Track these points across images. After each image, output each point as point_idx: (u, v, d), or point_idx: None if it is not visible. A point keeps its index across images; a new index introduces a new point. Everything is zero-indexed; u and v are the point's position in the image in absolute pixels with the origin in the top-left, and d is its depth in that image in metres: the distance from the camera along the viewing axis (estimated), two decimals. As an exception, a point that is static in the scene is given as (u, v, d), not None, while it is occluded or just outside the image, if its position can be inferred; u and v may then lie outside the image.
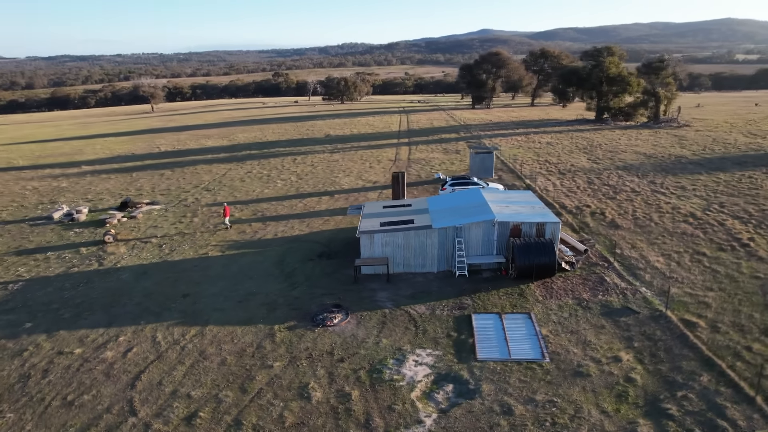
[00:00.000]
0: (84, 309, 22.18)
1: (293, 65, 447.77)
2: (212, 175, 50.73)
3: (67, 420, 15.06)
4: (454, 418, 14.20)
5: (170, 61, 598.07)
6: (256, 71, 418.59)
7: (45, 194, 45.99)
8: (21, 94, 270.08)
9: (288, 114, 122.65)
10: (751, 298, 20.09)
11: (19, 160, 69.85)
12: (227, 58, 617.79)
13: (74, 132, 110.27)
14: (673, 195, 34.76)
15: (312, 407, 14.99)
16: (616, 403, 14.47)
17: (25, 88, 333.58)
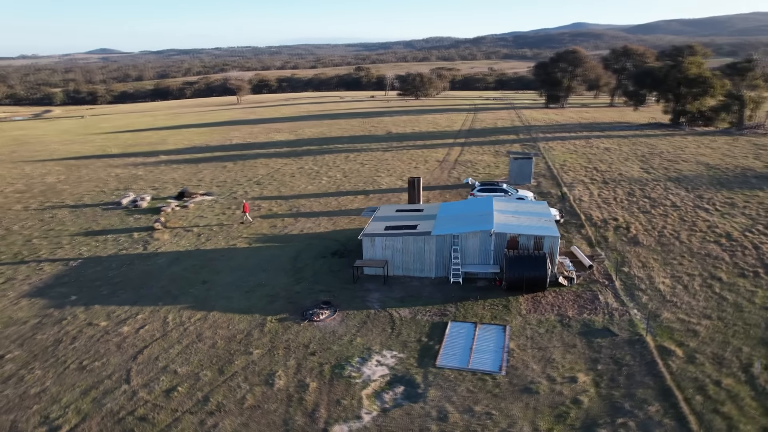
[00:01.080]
0: (119, 288, 25.45)
1: (378, 59, 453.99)
2: (268, 170, 54.10)
3: (77, 381, 17.85)
4: (391, 418, 15.22)
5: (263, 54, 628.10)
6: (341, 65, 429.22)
7: (123, 181, 51.59)
8: (131, 86, 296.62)
9: (360, 109, 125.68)
10: (749, 330, 19.01)
11: (113, 148, 78.16)
12: (316, 52, 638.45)
13: (166, 122, 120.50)
14: (716, 212, 32.59)
15: (272, 393, 16.65)
16: (553, 423, 14.74)
17: (135, 80, 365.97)
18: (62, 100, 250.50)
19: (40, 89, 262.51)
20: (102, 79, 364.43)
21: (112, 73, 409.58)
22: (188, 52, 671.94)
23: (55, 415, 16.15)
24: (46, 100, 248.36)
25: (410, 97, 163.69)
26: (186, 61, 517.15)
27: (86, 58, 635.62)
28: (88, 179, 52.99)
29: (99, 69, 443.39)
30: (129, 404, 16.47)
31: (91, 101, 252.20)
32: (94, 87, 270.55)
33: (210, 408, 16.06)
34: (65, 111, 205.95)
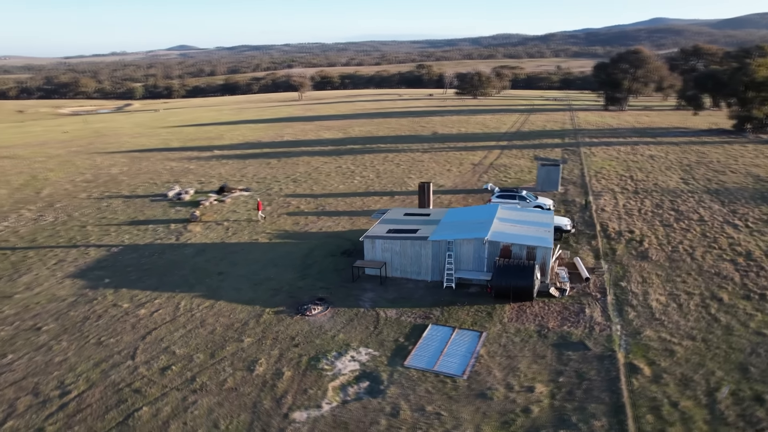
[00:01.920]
0: (146, 274, 28.24)
1: (442, 56, 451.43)
2: (307, 168, 56.49)
3: (92, 354, 20.43)
4: (348, 409, 16.48)
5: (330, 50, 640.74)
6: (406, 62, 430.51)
7: (175, 174, 55.70)
8: (204, 80, 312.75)
9: (415, 108, 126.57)
10: (730, 355, 18.58)
11: (175, 141, 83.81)
12: (381, 48, 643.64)
13: (228, 117, 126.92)
14: (746, 229, 31.10)
15: (250, 378, 18.37)
16: (497, 429, 15.43)
17: (208, 75, 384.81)
18: (142, 94, 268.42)
19: (124, 84, 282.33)
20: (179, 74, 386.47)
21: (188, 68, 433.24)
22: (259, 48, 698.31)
23: (68, 381, 18.69)
24: (128, 94, 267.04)
25: (468, 96, 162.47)
26: (256, 57, 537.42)
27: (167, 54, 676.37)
28: (145, 171, 57.62)
29: (177, 64, 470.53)
30: (129, 377, 18.74)
31: (167, 95, 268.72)
32: (170, 82, 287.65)
33: (194, 386, 18.00)
34: (143, 105, 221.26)
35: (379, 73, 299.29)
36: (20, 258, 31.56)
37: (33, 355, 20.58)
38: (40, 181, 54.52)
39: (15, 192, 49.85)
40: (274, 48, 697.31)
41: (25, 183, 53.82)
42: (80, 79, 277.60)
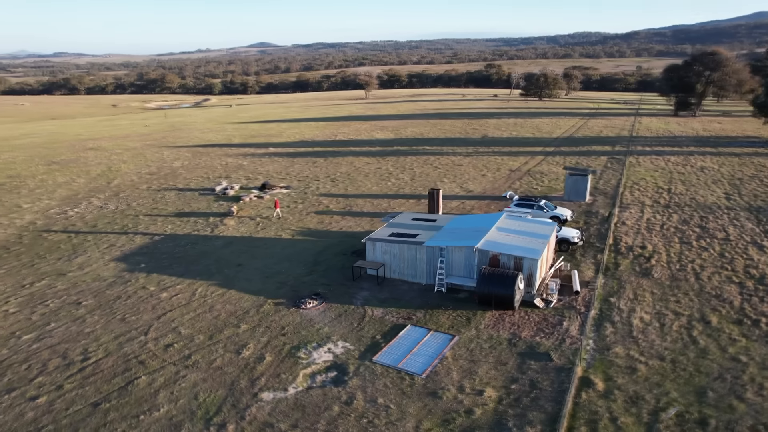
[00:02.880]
0: (177, 262, 31.61)
1: (515, 55, 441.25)
2: (349, 168, 58.90)
3: (115, 329, 23.69)
4: (309, 395, 18.35)
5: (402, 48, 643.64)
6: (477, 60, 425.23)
7: (228, 170, 60.05)
8: (277, 77, 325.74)
9: (475, 109, 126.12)
10: (693, 378, 18.55)
11: (237, 138, 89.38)
12: (454, 47, 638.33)
13: (294, 114, 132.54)
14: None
15: (236, 359, 20.72)
16: (436, 425, 16.68)
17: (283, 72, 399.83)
18: (220, 89, 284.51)
19: (204, 80, 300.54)
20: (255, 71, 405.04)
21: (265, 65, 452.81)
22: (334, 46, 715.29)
23: (91, 349, 21.95)
24: (207, 90, 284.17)
25: (533, 98, 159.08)
26: (330, 54, 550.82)
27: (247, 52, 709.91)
28: (203, 166, 62.50)
29: (255, 61, 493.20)
30: (138, 350, 21.71)
31: (243, 91, 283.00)
32: (246, 78, 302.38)
33: (188, 363, 20.61)
34: (220, 100, 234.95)
35: (448, 72, 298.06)
36: (80, 241, 36.13)
37: (70, 325, 24.16)
38: (113, 172, 60.73)
39: (91, 181, 56.02)
40: (348, 46, 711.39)
41: (101, 173, 60.18)
42: (167, 76, 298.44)
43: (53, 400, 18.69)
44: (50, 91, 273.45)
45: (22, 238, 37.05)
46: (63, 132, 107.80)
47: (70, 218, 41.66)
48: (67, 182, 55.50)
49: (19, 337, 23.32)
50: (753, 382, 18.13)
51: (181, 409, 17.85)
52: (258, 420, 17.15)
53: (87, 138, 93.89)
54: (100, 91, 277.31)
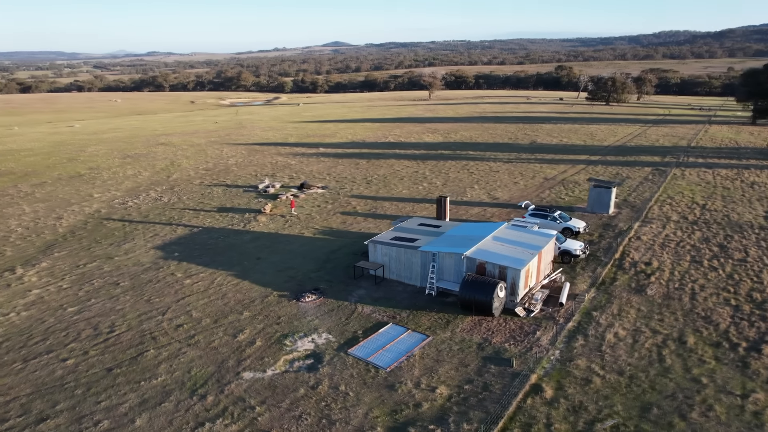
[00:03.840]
0: (205, 253, 35.17)
1: (592, 56, 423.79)
2: (387, 170, 61.00)
3: (140, 308, 27.30)
4: (283, 377, 20.69)
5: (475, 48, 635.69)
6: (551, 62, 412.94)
7: (276, 168, 64.02)
8: (346, 77, 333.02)
9: (535, 113, 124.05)
10: (644, 394, 19.01)
11: (293, 137, 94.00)
12: (528, 47, 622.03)
13: (355, 114, 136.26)
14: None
15: (230, 341, 23.49)
16: (384, 414, 18.45)
17: (353, 71, 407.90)
18: (291, 88, 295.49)
19: (277, 78, 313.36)
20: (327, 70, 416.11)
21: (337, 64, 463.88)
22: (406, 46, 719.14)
23: (117, 324, 25.59)
24: (279, 88, 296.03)
25: (599, 102, 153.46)
26: (402, 54, 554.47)
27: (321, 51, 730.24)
28: (254, 164, 66.95)
29: (328, 60, 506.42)
30: (154, 328, 25.07)
31: (312, 90, 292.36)
32: (316, 77, 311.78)
33: (191, 342, 23.65)
34: (289, 98, 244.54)
35: (517, 73, 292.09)
36: (131, 229, 40.80)
37: (105, 302, 28.09)
38: (175, 167, 66.54)
39: (154, 175, 61.90)
40: (420, 45, 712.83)
41: (164, 168, 66.14)
42: (242, 74, 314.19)
43: (79, 362, 22.29)
44: (140, 88, 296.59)
45: (87, 225, 42.32)
46: (143, 127, 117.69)
47: (128, 208, 46.81)
48: (134, 175, 61.67)
49: (65, 308, 27.48)
50: (703, 403, 18.37)
51: (174, 380, 20.80)
52: (234, 395, 19.72)
53: (161, 133, 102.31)
54: (182, 88, 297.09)
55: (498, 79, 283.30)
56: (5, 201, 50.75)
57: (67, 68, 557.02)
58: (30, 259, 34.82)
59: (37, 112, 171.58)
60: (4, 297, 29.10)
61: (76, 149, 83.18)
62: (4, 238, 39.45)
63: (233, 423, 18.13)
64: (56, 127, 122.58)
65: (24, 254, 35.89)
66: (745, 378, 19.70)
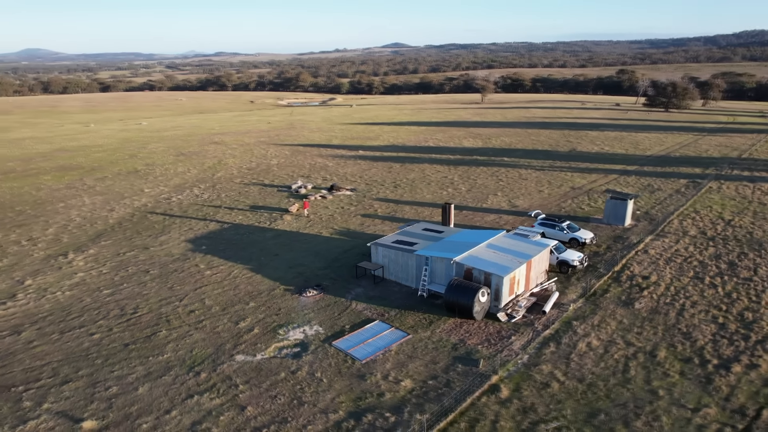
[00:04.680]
0: (230, 247, 38.39)
1: (660, 59, 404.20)
2: (417, 175, 62.67)
3: (162, 294, 30.67)
4: (269, 361, 23.10)
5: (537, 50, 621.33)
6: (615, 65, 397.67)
7: (313, 169, 67.18)
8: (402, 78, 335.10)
9: (584, 119, 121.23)
10: (597, 401, 19.85)
11: (337, 139, 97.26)
12: (593, 49, 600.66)
13: (403, 117, 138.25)
14: (789, 297, 27.92)
15: (232, 327, 26.22)
16: (349, 400, 20.41)
17: (410, 73, 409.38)
18: (347, 89, 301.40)
19: (334, 79, 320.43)
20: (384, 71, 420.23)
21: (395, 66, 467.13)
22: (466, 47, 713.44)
23: (140, 306, 29.02)
24: (335, 89, 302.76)
25: (658, 109, 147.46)
26: (461, 55, 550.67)
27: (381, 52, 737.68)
28: (294, 165, 70.50)
29: (386, 62, 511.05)
30: (170, 312, 28.26)
31: (368, 91, 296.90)
32: (372, 79, 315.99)
33: (198, 326, 26.59)
34: (344, 99, 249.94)
35: (576, 77, 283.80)
36: (170, 223, 44.87)
37: (135, 287, 31.71)
38: (221, 165, 71.20)
39: (201, 173, 66.68)
40: (481, 47, 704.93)
41: (211, 166, 70.94)
42: (302, 74, 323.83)
43: (103, 337, 25.73)
44: (205, 88, 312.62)
45: (133, 217, 46.89)
46: (201, 126, 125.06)
47: (171, 203, 51.21)
48: (183, 172, 66.70)
49: (101, 291, 31.32)
50: (652, 413, 19.05)
51: (177, 358, 23.71)
52: (224, 373, 22.34)
53: (217, 132, 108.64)
54: (244, 88, 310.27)
55: (556, 82, 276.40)
56: (71, 193, 56.67)
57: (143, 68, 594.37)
58: (81, 246, 39.36)
59: (111, 110, 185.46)
60: (55, 278, 33.41)
61: (138, 146, 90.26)
62: (64, 226, 44.53)
63: (218, 397, 20.71)
64: (126, 125, 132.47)
65: (77, 241, 40.55)
66: (703, 393, 20.12)
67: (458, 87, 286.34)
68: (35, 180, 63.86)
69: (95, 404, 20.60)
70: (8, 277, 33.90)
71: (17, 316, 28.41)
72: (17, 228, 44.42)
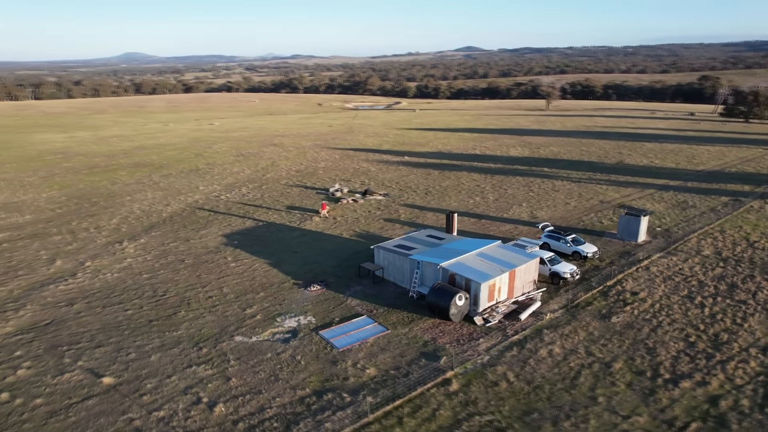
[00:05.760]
0: (258, 243, 42.70)
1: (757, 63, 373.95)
2: (452, 182, 64.67)
3: (189, 281, 35.29)
4: (260, 343, 26.65)
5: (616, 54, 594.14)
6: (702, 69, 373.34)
7: (355, 174, 70.87)
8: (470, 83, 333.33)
9: (647, 129, 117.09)
10: (536, 402, 21.57)
11: (387, 144, 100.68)
12: (680, 53, 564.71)
13: (461, 123, 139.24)
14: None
15: (239, 313, 30.12)
16: (318, 381, 23.47)
17: (480, 77, 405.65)
18: (414, 93, 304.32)
19: (402, 83, 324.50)
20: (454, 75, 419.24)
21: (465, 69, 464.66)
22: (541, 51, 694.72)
23: (169, 290, 33.72)
24: (402, 93, 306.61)
25: (737, 119, 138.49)
26: (534, 60, 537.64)
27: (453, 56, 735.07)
28: (338, 168, 74.62)
29: (457, 66, 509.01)
30: (191, 296, 32.71)
31: (434, 96, 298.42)
32: (439, 83, 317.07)
33: (212, 309, 30.75)
34: (409, 104, 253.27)
35: (653, 84, 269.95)
36: (213, 219, 50.10)
37: (169, 274, 36.62)
38: (273, 167, 76.73)
39: (253, 173, 72.41)
40: (557, 51, 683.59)
41: (264, 167, 76.65)
42: (370, 78, 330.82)
43: (134, 314, 30.52)
44: (278, 90, 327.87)
45: (183, 212, 52.69)
46: (267, 128, 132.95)
47: (219, 201, 56.75)
48: (238, 172, 72.74)
49: (142, 275, 36.49)
50: (583, 416, 20.53)
51: (188, 335, 27.90)
52: (221, 350, 26.18)
53: (278, 134, 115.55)
54: (314, 91, 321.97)
55: (629, 89, 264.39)
56: (138, 188, 63.98)
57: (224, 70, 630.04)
58: (135, 236, 45.26)
59: (190, 110, 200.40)
60: (108, 261, 39.13)
61: (205, 146, 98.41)
62: (125, 218, 51.02)
63: (210, 369, 24.54)
64: (200, 125, 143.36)
65: (133, 232, 46.58)
66: (641, 403, 21.29)
67: (526, 93, 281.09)
68: (113, 175, 72.30)
69: (116, 365, 25.09)
70: (74, 258, 40.05)
71: (74, 291, 34.01)
72: (90, 217, 51.43)
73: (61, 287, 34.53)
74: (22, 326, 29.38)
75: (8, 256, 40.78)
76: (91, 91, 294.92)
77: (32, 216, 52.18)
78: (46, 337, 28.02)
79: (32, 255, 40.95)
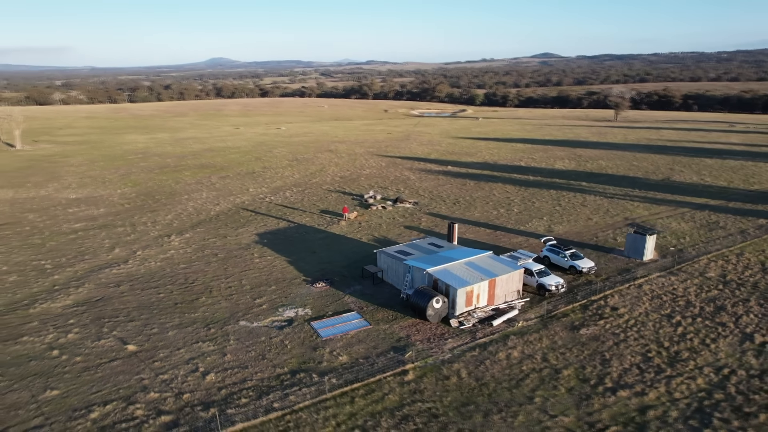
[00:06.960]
0: (284, 242, 47.46)
1: None
2: (484, 193, 66.62)
3: (216, 272, 40.48)
4: (260, 328, 30.95)
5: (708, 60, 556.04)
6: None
7: (394, 182, 74.53)
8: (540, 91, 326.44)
9: (716, 144, 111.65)
10: (475, 397, 24.01)
11: (435, 153, 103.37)
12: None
13: (520, 133, 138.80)
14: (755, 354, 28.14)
15: (250, 302, 34.69)
16: (297, 363, 27.31)
17: (553, 85, 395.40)
18: (481, 100, 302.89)
19: (470, 91, 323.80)
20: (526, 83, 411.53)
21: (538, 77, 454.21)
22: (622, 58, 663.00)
23: (197, 279, 39.05)
24: (470, 101, 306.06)
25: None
26: (614, 67, 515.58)
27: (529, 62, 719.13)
28: (380, 176, 78.56)
29: (531, 73, 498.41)
30: (214, 285, 37.79)
31: (502, 103, 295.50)
32: (507, 90, 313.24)
33: (228, 298, 35.58)
34: (475, 111, 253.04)
35: (742, 93, 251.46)
36: (252, 218, 55.65)
37: (201, 265, 42.13)
38: (321, 172, 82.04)
39: (301, 178, 78.08)
40: (639, 58, 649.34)
41: (313, 172, 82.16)
42: (439, 85, 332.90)
43: (164, 297, 36.02)
44: (348, 95, 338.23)
45: (229, 211, 58.79)
46: (328, 133, 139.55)
47: (262, 202, 62.50)
48: (288, 176, 78.69)
49: (179, 264, 42.24)
50: (514, 412, 22.83)
51: (203, 317, 32.81)
52: (226, 331, 30.78)
53: (338, 140, 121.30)
54: (383, 97, 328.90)
55: (713, 99, 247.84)
56: (196, 187, 71.39)
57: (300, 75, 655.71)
58: (182, 231, 51.61)
59: (261, 114, 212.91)
60: (155, 251, 45.39)
61: (266, 150, 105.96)
62: (179, 215, 57.84)
63: (212, 345, 29.13)
64: (267, 129, 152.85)
65: (182, 227, 53.03)
66: (572, 406, 23.23)
67: (597, 102, 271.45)
68: (179, 175, 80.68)
69: (140, 336, 30.36)
70: (128, 248, 46.75)
71: (122, 275, 40.24)
72: (150, 212, 58.79)
73: (114, 271, 40.91)
74: (79, 300, 35.65)
75: (80, 243, 48.25)
76: (177, 94, 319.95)
77: (105, 209, 60.39)
78: (94, 311, 33.99)
79: (98, 243, 48.17)
